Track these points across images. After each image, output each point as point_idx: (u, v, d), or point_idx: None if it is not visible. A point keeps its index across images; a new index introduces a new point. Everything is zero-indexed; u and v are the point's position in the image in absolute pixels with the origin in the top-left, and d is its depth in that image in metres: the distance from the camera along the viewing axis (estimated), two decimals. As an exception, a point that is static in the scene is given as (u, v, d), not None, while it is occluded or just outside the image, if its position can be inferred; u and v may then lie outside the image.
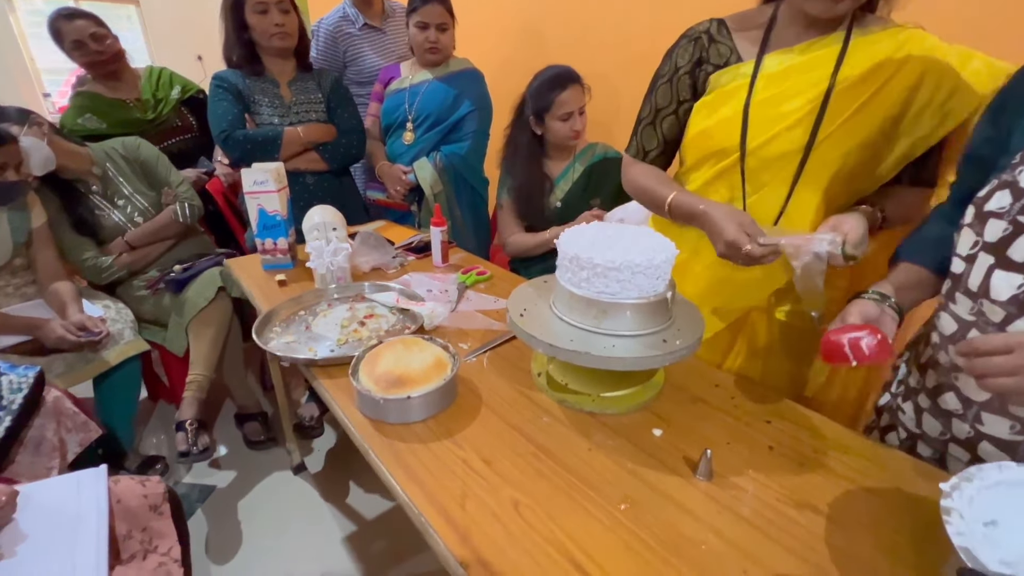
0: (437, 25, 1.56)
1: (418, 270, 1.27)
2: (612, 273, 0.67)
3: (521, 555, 0.53)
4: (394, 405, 0.71)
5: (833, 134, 0.75)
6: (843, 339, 0.60)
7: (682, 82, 0.86)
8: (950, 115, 0.73)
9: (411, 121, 1.67)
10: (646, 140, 0.93)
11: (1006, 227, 0.54)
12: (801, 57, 0.76)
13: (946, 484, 0.46)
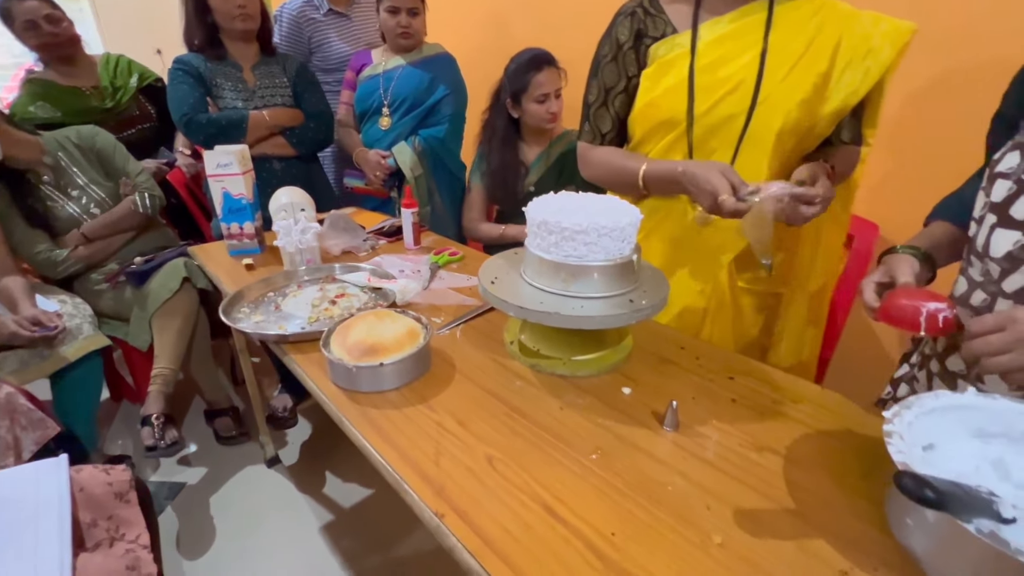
0: (408, 9, 1.57)
1: (390, 253, 1.26)
2: (579, 236, 0.69)
3: (495, 504, 0.54)
4: (367, 373, 0.71)
5: (771, 95, 0.79)
6: (922, 307, 0.56)
7: (627, 58, 0.87)
8: (871, 70, 0.79)
9: (387, 106, 1.67)
10: (600, 123, 0.93)
11: (1011, 186, 0.56)
12: (732, 25, 0.81)
13: (888, 412, 0.50)
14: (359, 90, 1.70)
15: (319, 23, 1.77)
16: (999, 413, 0.50)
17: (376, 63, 1.68)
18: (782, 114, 0.80)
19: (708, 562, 0.47)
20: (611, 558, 0.47)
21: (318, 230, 1.11)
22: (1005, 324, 0.50)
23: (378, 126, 1.70)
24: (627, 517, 0.52)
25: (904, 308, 0.58)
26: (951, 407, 0.51)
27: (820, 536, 0.49)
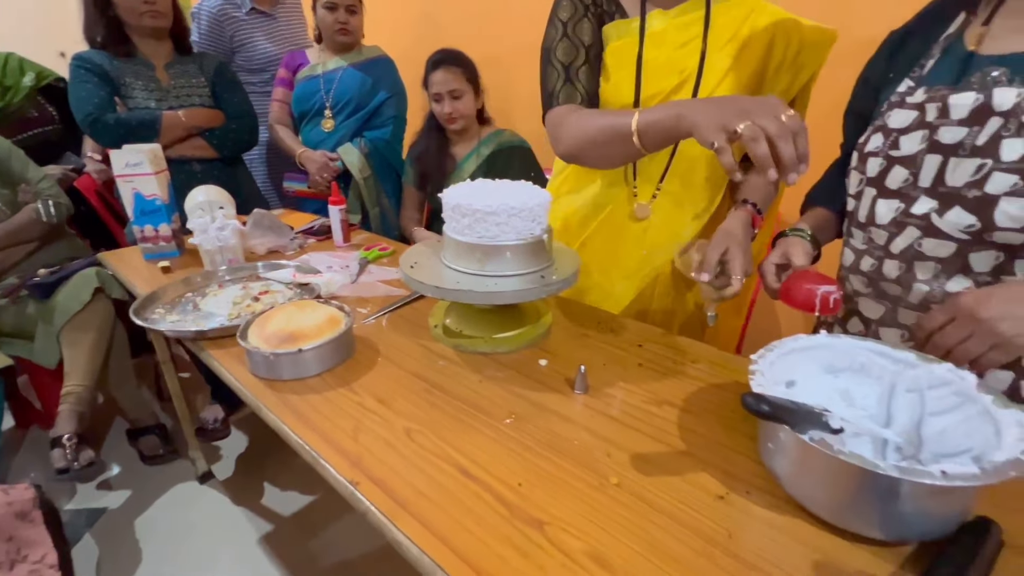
0: (346, 7, 1.57)
1: (319, 251, 1.25)
2: (491, 217, 0.73)
3: (412, 470, 0.56)
4: (286, 360, 0.71)
5: (715, 91, 0.82)
6: (816, 290, 0.62)
7: (580, 28, 0.82)
8: (802, 69, 0.82)
9: (329, 108, 1.65)
10: (586, 81, 0.83)
11: (882, 162, 0.64)
12: (676, 20, 0.82)
13: (755, 355, 0.57)
14: (297, 90, 1.68)
15: (241, 22, 1.73)
16: (844, 350, 0.58)
17: (314, 64, 1.67)
18: None
19: (604, 499, 0.51)
20: (517, 505, 0.51)
21: (238, 227, 1.09)
22: (952, 314, 0.55)
23: (320, 128, 1.69)
24: (533, 469, 0.56)
25: (802, 292, 0.63)
26: (807, 347, 0.58)
27: (704, 470, 0.55)
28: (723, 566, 0.44)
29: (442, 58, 1.49)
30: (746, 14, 0.82)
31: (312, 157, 1.65)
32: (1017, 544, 0.45)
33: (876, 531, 0.45)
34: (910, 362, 0.54)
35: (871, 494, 0.43)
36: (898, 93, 0.66)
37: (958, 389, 0.49)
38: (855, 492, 0.44)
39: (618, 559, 0.45)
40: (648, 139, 0.68)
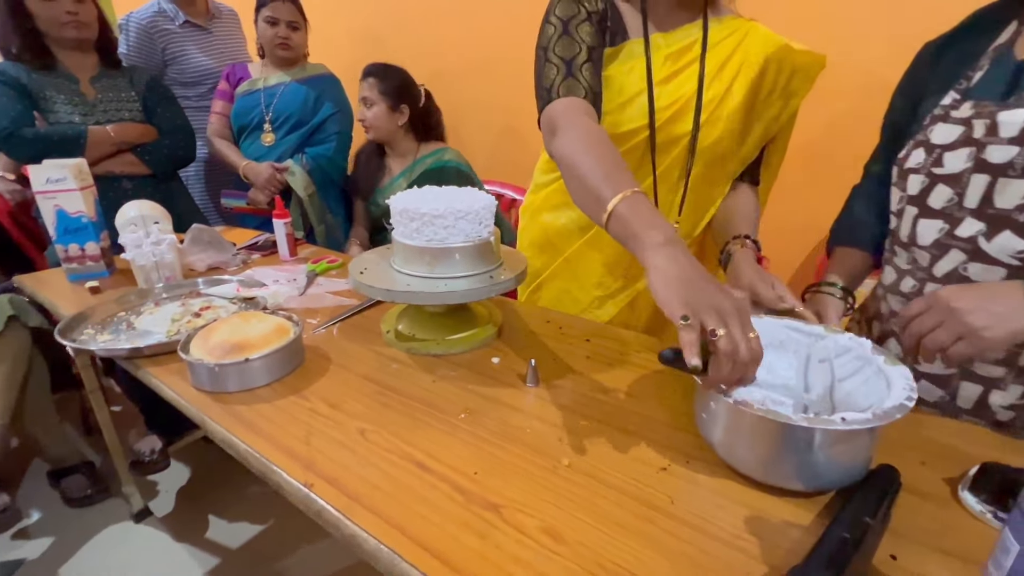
0: (288, 22, 1.57)
1: (264, 266, 1.22)
2: (438, 220, 0.75)
3: (366, 468, 0.56)
4: (232, 371, 0.70)
5: (710, 118, 0.81)
6: None
7: (582, 28, 0.77)
8: (793, 95, 0.82)
9: (269, 122, 1.63)
10: (590, 79, 0.76)
11: (923, 179, 0.60)
12: (676, 43, 0.81)
13: None
14: (237, 104, 1.66)
15: (174, 35, 1.68)
16: (765, 329, 0.63)
17: (255, 77, 1.66)
18: (716, 138, 0.82)
19: (556, 480, 0.54)
20: (473, 491, 0.52)
21: (175, 242, 1.05)
22: (930, 303, 0.55)
23: (260, 142, 1.67)
24: (488, 458, 0.57)
25: None
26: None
27: (648, 446, 0.59)
28: (666, 528, 0.48)
29: (367, 70, 1.56)
30: (740, 38, 0.81)
31: (257, 169, 1.62)
32: (911, 485, 0.51)
33: (796, 482, 0.49)
34: (819, 334, 0.61)
35: (788, 447, 0.48)
36: (942, 106, 0.61)
37: (858, 354, 0.56)
38: (775, 447, 0.49)
39: (570, 531, 0.47)
40: (611, 229, 0.58)
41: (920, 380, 0.64)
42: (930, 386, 0.65)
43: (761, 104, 0.84)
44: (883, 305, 0.69)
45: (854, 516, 0.44)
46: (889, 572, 0.43)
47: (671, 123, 0.82)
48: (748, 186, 0.90)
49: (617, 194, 0.56)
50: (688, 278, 0.49)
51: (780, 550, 0.45)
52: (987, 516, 0.48)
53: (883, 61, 1.24)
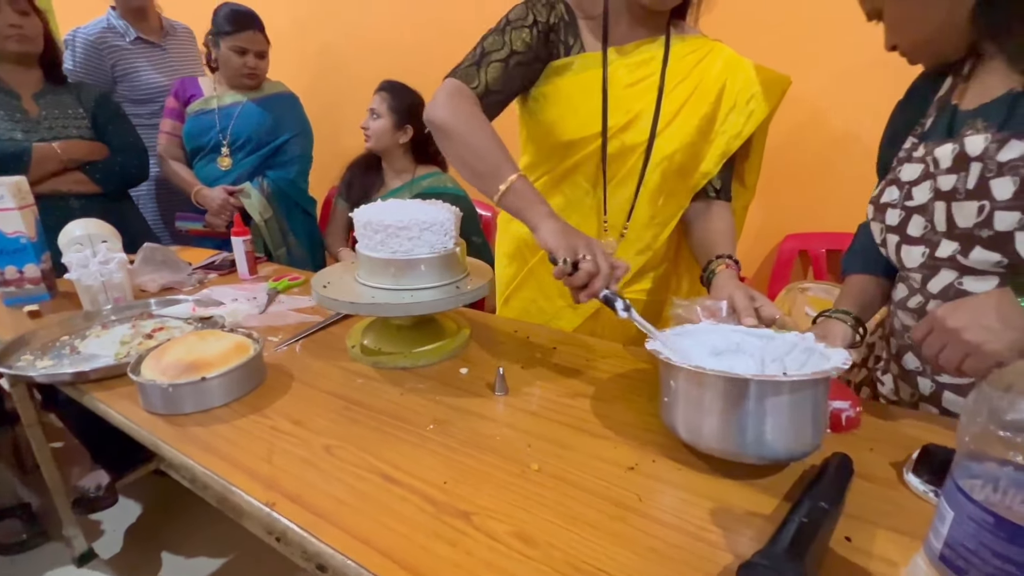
0: (257, 52, 1.55)
1: (221, 285, 1.18)
2: (403, 232, 0.75)
3: (332, 483, 0.54)
4: (188, 391, 0.67)
5: (666, 130, 0.84)
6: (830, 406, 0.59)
7: (539, 38, 0.81)
8: (753, 114, 0.85)
9: (226, 145, 1.59)
10: (491, 74, 0.79)
11: (900, 213, 0.66)
12: (634, 57, 0.84)
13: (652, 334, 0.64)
14: (190, 124, 1.60)
15: (125, 51, 1.63)
16: (724, 334, 0.66)
17: (208, 96, 1.61)
18: (672, 151, 0.85)
19: (527, 485, 0.54)
20: (443, 501, 0.52)
21: (124, 261, 1.00)
22: (932, 326, 0.57)
23: (216, 165, 1.62)
24: (458, 467, 0.57)
25: None
26: (694, 332, 0.66)
27: (616, 447, 0.60)
28: (635, 525, 0.48)
29: (383, 84, 1.59)
30: (701, 57, 0.85)
31: (210, 195, 1.57)
32: (862, 471, 0.54)
33: (750, 451, 0.52)
34: (769, 336, 0.64)
35: (737, 407, 0.51)
36: (905, 149, 0.69)
37: (804, 347, 0.59)
38: (726, 409, 0.52)
39: (540, 534, 0.47)
40: (506, 203, 0.71)
41: (944, 392, 0.67)
42: (953, 397, 0.67)
43: (720, 121, 0.86)
44: (896, 320, 0.72)
45: (811, 502, 0.46)
46: (845, 553, 0.45)
47: (625, 132, 0.85)
48: (722, 204, 0.92)
49: (512, 174, 0.71)
50: (567, 232, 0.67)
51: (744, 538, 0.46)
52: (930, 495, 0.51)
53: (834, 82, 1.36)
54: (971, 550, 0.31)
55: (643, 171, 0.86)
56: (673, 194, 0.90)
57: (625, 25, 0.84)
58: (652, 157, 0.85)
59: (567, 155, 0.87)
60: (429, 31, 1.93)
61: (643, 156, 0.86)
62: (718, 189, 0.92)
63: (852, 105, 1.36)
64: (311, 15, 2.19)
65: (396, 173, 1.62)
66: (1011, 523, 0.29)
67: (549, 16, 0.82)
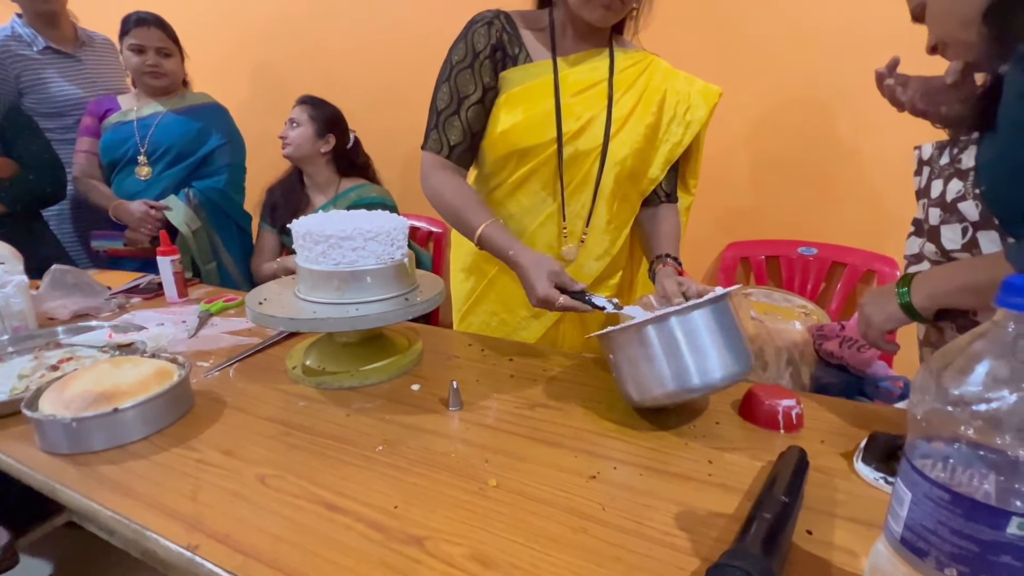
0: (157, 49, 1.46)
1: (146, 309, 1.08)
2: (346, 243, 0.71)
3: (267, 518, 0.49)
4: (97, 425, 0.59)
5: (617, 135, 0.86)
6: (778, 406, 0.62)
7: (484, 67, 0.84)
8: (691, 124, 0.89)
9: (144, 155, 1.49)
10: (450, 133, 0.85)
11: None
12: (582, 66, 0.86)
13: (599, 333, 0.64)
14: (106, 137, 1.50)
15: (32, 61, 1.50)
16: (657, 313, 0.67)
17: (126, 109, 1.51)
18: (623, 157, 0.87)
19: (484, 502, 0.50)
20: (392, 527, 0.47)
21: (23, 284, 0.89)
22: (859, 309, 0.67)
23: (135, 177, 1.51)
24: (409, 489, 0.53)
25: (762, 408, 0.63)
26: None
27: (576, 456, 0.58)
28: (598, 536, 0.46)
29: (302, 98, 1.54)
30: (643, 68, 0.89)
31: (129, 208, 1.45)
32: (815, 463, 0.54)
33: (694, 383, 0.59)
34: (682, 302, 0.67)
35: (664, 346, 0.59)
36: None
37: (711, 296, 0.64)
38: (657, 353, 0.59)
39: (500, 554, 0.44)
40: (486, 248, 0.81)
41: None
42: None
43: (663, 129, 0.90)
44: None
45: (772, 498, 0.46)
46: (807, 547, 0.45)
47: (578, 138, 0.86)
48: (668, 205, 0.95)
49: (480, 226, 0.80)
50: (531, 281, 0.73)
51: (709, 539, 0.45)
52: (880, 482, 0.52)
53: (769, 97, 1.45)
54: (930, 530, 0.31)
55: (599, 176, 0.87)
56: (627, 198, 0.92)
57: (570, 38, 0.87)
58: (607, 162, 0.87)
59: (522, 162, 0.87)
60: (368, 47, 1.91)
61: (598, 161, 0.87)
62: (667, 193, 0.95)
63: (783, 123, 1.45)
64: (253, 34, 2.12)
65: (320, 188, 1.56)
66: (967, 499, 0.29)
67: (489, 38, 0.84)
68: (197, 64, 1.66)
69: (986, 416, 0.29)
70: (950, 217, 0.62)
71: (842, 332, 1.26)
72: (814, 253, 1.49)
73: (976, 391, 0.29)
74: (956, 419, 0.30)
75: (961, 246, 0.61)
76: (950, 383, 0.30)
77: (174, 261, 1.10)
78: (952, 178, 0.62)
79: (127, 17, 1.45)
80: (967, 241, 0.60)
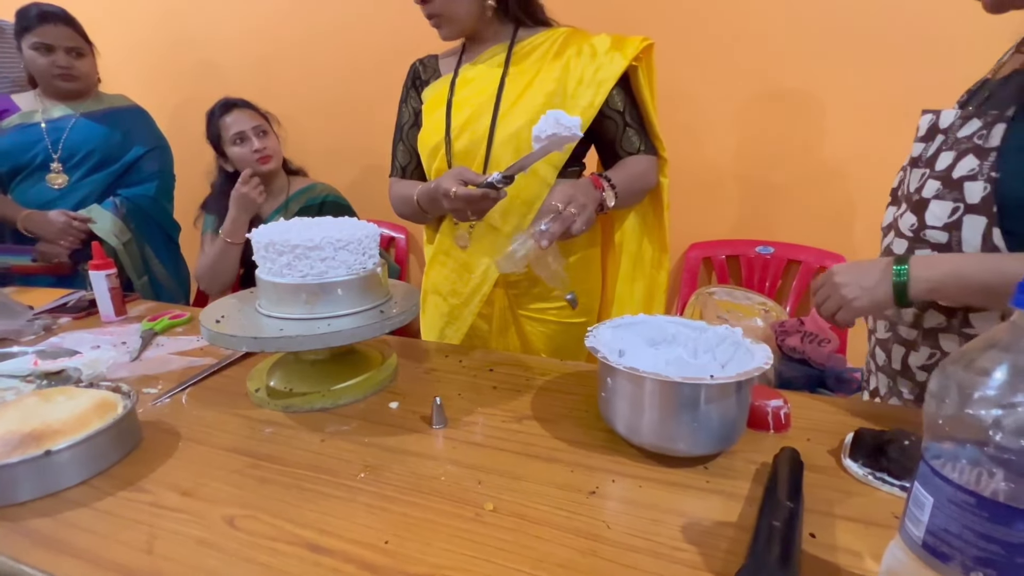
0: (67, 48, 1.32)
1: (79, 330, 0.97)
2: (314, 253, 0.66)
3: (240, 567, 0.43)
4: (25, 472, 0.51)
5: (508, 113, 0.87)
6: (767, 407, 0.61)
7: (411, 97, 1.01)
8: (602, 84, 0.86)
9: (58, 161, 1.35)
10: (400, 157, 1.02)
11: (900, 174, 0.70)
12: (481, 64, 0.92)
13: (590, 328, 0.63)
14: (7, 141, 1.34)
15: None
16: (658, 326, 0.67)
17: (29, 110, 1.36)
18: (515, 128, 0.87)
19: (483, 528, 0.47)
20: (386, 566, 0.43)
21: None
22: (825, 279, 0.64)
23: (47, 185, 1.37)
24: (400, 520, 0.48)
25: (751, 409, 0.60)
26: (631, 324, 0.67)
27: (572, 471, 0.55)
28: (608, 556, 0.44)
29: (231, 102, 1.38)
30: (543, 42, 0.90)
31: (45, 219, 1.31)
32: (806, 463, 0.55)
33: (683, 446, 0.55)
34: (702, 328, 0.65)
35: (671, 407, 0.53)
36: None
37: (732, 341, 0.61)
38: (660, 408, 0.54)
39: (508, 586, 0.41)
40: (425, 206, 0.89)
41: (876, 348, 0.74)
42: (879, 350, 0.74)
43: (571, 95, 0.87)
44: None
45: (776, 504, 0.45)
46: (813, 551, 0.44)
47: (469, 126, 0.90)
48: (641, 156, 0.92)
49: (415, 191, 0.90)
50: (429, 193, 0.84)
51: (720, 552, 0.44)
52: (869, 478, 0.53)
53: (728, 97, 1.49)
54: (955, 534, 0.31)
55: (487, 153, 0.89)
56: (535, 172, 0.87)
57: (473, 50, 0.95)
58: (496, 136, 0.88)
59: (428, 168, 0.96)
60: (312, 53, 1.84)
61: (486, 147, 0.89)
62: (638, 150, 0.92)
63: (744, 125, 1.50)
64: (193, 33, 1.98)
65: (271, 196, 1.44)
66: (993, 502, 0.29)
67: (411, 79, 1.01)
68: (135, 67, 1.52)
69: (1008, 419, 0.29)
70: (947, 194, 0.60)
71: (802, 327, 1.32)
72: (771, 252, 1.55)
73: (996, 394, 0.30)
74: (977, 422, 0.30)
75: (943, 225, 0.60)
76: (969, 386, 0.30)
77: (110, 276, 0.99)
78: (968, 153, 0.59)
79: (25, 10, 1.29)
80: (951, 221, 0.60)
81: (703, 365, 0.62)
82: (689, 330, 0.66)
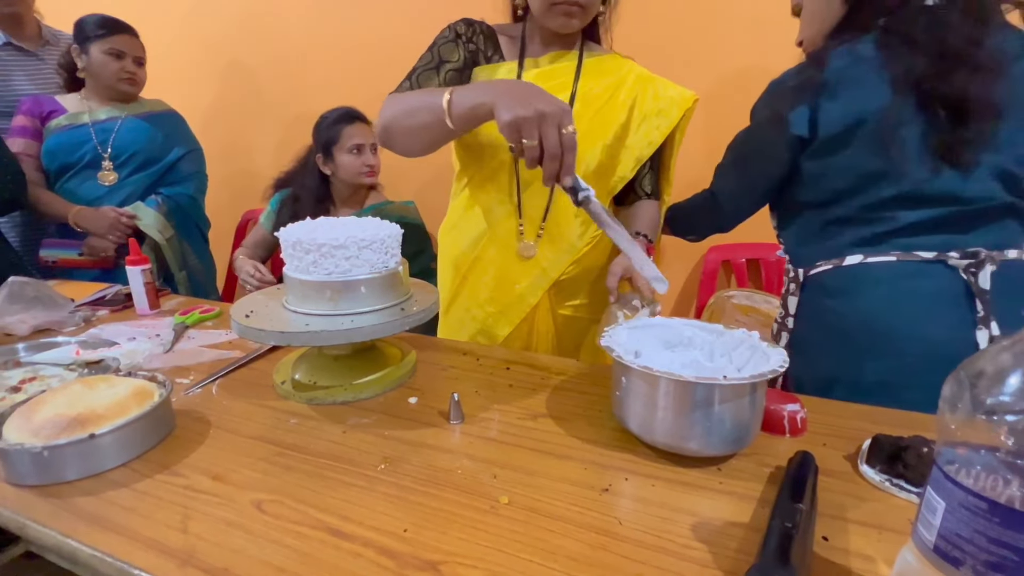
0: (135, 58, 1.43)
1: (116, 322, 1.02)
2: (339, 251, 0.68)
3: (267, 548, 0.46)
4: (71, 453, 0.54)
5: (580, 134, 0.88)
6: (783, 411, 0.61)
7: (465, 47, 0.89)
8: (661, 127, 0.92)
9: (109, 159, 1.43)
10: (424, 84, 0.86)
11: None
12: (548, 66, 0.90)
13: (607, 329, 0.64)
14: (54, 141, 1.42)
15: None
16: (675, 328, 0.67)
17: (76, 111, 1.44)
18: (587, 154, 0.89)
19: (497, 521, 0.49)
20: (404, 552, 0.45)
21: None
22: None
23: (97, 181, 1.45)
24: (418, 510, 0.50)
25: (767, 413, 0.60)
26: (648, 326, 0.67)
27: (585, 468, 0.57)
28: (618, 551, 0.45)
29: (354, 114, 1.47)
30: (616, 68, 0.92)
31: (95, 214, 1.38)
32: (820, 467, 0.55)
33: (697, 446, 0.55)
34: (719, 331, 0.65)
35: (685, 407, 0.54)
36: None
37: (749, 344, 0.61)
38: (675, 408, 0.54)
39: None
40: (456, 115, 0.71)
41: None
42: None
43: (634, 129, 0.92)
44: None
45: (789, 506, 0.46)
46: (825, 554, 0.45)
47: None
48: (649, 201, 0.99)
49: (446, 94, 0.71)
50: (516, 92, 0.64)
51: (730, 551, 0.45)
52: (886, 484, 0.53)
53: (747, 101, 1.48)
54: (966, 539, 0.31)
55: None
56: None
57: (538, 44, 0.92)
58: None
59: (483, 159, 0.91)
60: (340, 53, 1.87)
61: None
62: (648, 192, 0.98)
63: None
64: (223, 34, 2.05)
65: (348, 205, 1.51)
66: (1006, 508, 0.29)
67: (468, 31, 0.91)
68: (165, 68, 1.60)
69: (1022, 424, 0.29)
70: None
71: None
72: (792, 256, 1.53)
73: (1010, 400, 0.30)
74: (991, 428, 0.30)
75: None
76: (983, 391, 0.31)
77: (145, 271, 1.04)
78: None
79: (104, 19, 1.39)
80: None
81: (719, 368, 0.62)
82: (706, 333, 0.66)
